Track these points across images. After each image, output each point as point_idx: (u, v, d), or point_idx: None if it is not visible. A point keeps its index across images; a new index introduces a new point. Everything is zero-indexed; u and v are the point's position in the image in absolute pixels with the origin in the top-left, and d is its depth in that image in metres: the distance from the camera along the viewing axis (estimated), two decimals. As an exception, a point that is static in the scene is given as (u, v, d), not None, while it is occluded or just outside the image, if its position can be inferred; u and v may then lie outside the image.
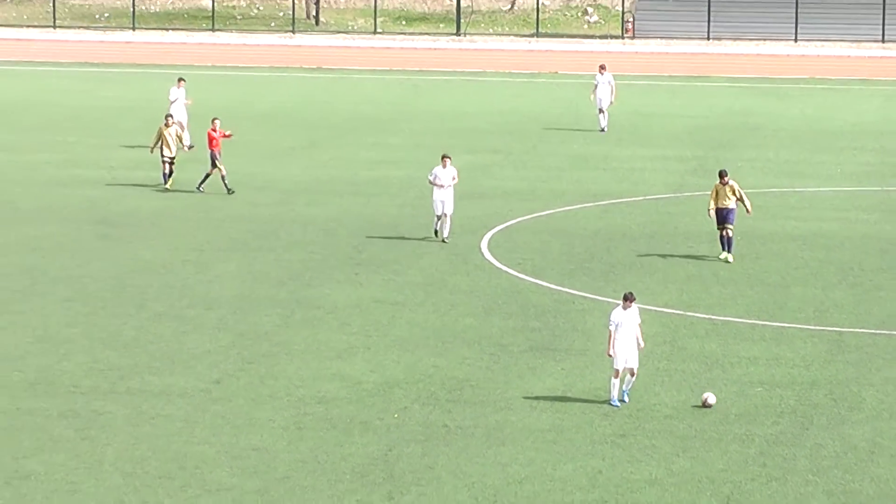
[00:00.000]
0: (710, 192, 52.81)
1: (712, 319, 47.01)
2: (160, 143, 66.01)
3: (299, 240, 58.72)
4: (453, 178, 54.35)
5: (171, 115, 67.60)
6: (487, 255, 54.60)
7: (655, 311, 47.85)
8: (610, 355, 38.59)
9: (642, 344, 38.85)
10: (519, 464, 35.64)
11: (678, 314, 47.82)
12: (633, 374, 38.71)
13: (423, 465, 35.69)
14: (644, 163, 70.04)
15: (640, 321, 39.17)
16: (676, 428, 38.40)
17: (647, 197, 60.91)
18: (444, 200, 54.21)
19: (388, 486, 34.28)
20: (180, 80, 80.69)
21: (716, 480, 34.61)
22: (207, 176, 66.17)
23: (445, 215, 54.17)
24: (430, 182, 54.71)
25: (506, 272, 52.77)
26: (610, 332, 38.58)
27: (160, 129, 65.87)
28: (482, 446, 36.88)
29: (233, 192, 66.80)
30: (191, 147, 76.52)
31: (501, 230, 57.21)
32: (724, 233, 52.11)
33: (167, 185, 64.17)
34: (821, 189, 65.59)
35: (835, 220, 62.20)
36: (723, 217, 51.93)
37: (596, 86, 77.29)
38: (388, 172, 60.93)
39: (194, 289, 52.09)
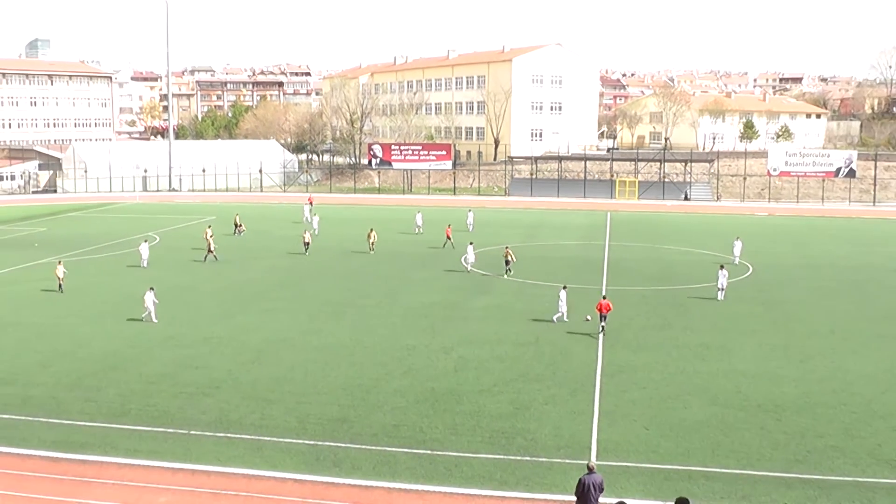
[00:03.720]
0: (504, 253, 49.33)
1: (525, 282, 46.68)
2: (369, 237, 58.19)
3: (405, 259, 55.27)
4: (475, 256, 49.84)
5: (373, 229, 59.75)
6: (464, 264, 51.41)
7: (514, 280, 47.52)
8: (559, 308, 36.98)
9: (564, 307, 36.67)
10: (473, 329, 36.43)
11: (521, 280, 47.06)
12: (565, 318, 36.78)
13: (444, 327, 36.79)
14: (511, 234, 66.15)
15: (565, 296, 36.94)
16: (522, 315, 38.78)
17: (513, 245, 60.81)
18: (469, 257, 49.97)
19: (431, 334, 35.43)
20: (419, 212, 70.73)
21: (538, 337, 35.16)
22: (452, 244, 59.27)
23: (469, 262, 49.84)
24: (465, 257, 50.69)
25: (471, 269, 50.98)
26: (559, 297, 37.04)
27: (370, 231, 59.34)
28: (462, 323, 37.69)
29: (454, 247, 58.80)
30: (419, 233, 67.73)
31: (468, 256, 57.06)
32: (508, 268, 48.36)
33: (371, 252, 56.87)
34: (565, 243, 63.62)
35: (571, 250, 59.55)
36: (505, 263, 48.21)
37: (468, 217, 69.94)
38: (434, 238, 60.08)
39: (363, 274, 50.20)
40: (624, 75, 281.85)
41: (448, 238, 60.76)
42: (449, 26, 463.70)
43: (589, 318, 36.64)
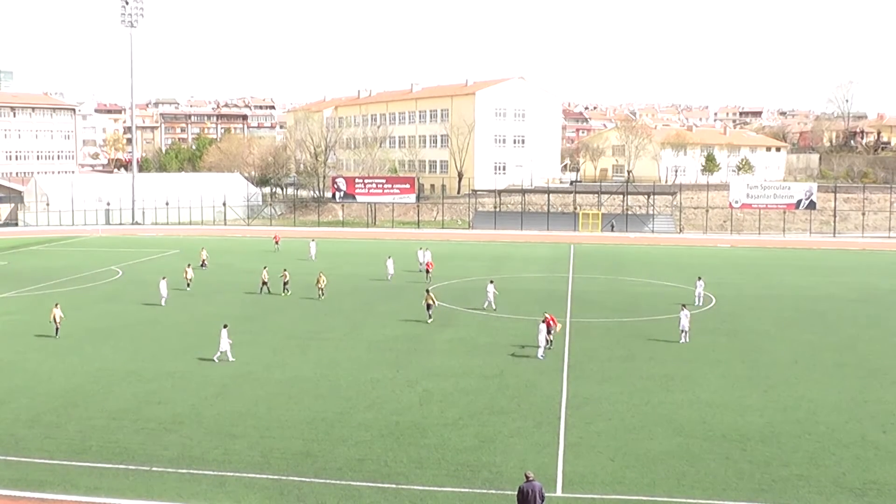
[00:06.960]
0: (424, 298, 46.14)
1: (488, 315, 46.67)
2: (318, 281, 53.22)
3: (369, 293, 55.00)
4: (494, 292, 48.05)
5: (322, 272, 54.76)
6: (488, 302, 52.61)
7: (478, 313, 47.82)
8: (537, 339, 36.77)
9: (543, 340, 36.49)
10: (438, 362, 36.51)
11: (484, 313, 47.08)
12: (544, 344, 36.47)
13: (408, 360, 36.76)
14: (471, 266, 67.09)
15: (545, 325, 36.70)
16: (486, 348, 38.76)
17: (471, 279, 60.84)
18: (489, 294, 48.19)
19: (395, 367, 35.42)
20: (421, 248, 67.96)
21: (503, 370, 35.29)
22: (429, 277, 59.33)
23: (490, 301, 47.90)
24: (486, 290, 48.87)
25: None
26: (539, 328, 36.76)
27: (319, 275, 54.42)
28: (426, 356, 37.74)
29: (430, 279, 58.90)
30: (419, 269, 65.42)
31: (434, 287, 56.91)
32: (430, 312, 44.89)
33: (321, 298, 52.99)
34: (529, 275, 63.75)
35: (535, 282, 58.94)
36: (427, 307, 44.75)
37: (420, 252, 64.77)
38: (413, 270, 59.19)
39: (328, 307, 49.97)
40: (586, 108, 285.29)
41: (429, 268, 61.10)
42: (413, 60, 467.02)
43: (542, 356, 36.62)
